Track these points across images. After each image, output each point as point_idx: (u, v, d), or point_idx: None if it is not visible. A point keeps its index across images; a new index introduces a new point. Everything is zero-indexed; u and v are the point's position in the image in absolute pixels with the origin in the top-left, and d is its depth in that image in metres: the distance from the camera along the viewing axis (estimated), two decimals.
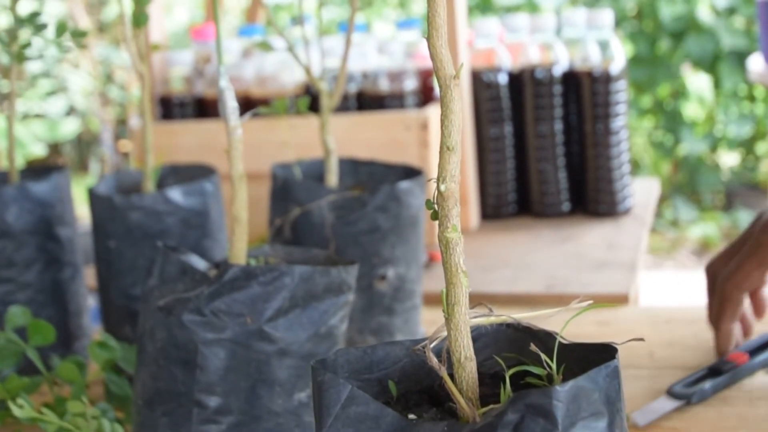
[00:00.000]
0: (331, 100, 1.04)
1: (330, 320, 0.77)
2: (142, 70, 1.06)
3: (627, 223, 1.65)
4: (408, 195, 1.03)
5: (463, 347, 0.53)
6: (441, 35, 0.52)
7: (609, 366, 0.52)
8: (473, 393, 0.53)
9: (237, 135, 0.77)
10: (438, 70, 0.52)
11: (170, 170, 1.19)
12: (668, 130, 4.77)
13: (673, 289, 3.80)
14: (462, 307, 0.53)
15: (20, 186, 1.10)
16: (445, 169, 0.52)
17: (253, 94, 1.64)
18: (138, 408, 0.79)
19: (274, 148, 1.53)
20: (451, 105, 0.52)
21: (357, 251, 1.02)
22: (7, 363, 0.92)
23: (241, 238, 0.78)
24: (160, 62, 1.73)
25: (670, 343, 1.12)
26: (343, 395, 0.52)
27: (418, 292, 1.09)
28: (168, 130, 1.65)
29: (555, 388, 0.49)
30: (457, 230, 0.52)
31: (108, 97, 5.38)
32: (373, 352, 0.58)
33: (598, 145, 1.67)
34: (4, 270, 1.10)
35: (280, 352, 0.75)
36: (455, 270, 0.52)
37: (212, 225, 1.10)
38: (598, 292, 1.30)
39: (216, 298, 0.74)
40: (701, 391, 0.95)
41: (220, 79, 0.77)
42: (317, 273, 0.76)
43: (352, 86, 1.63)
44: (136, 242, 1.07)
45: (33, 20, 1.06)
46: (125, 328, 1.08)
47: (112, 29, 5.43)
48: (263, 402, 0.75)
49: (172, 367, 0.75)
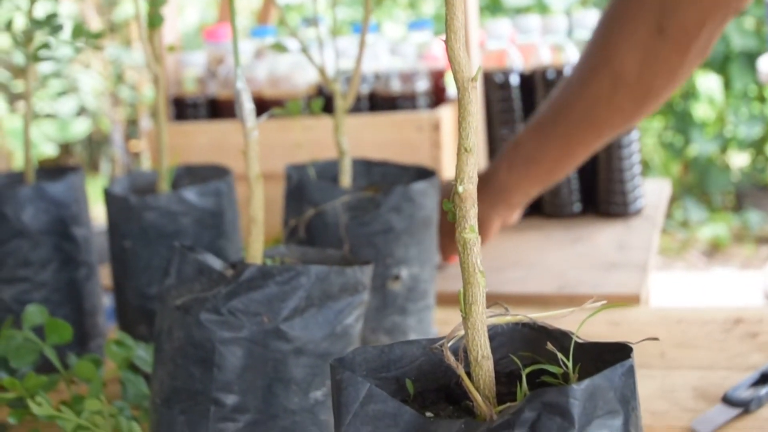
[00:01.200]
0: (345, 101, 1.05)
1: (345, 319, 0.78)
2: (157, 72, 1.07)
3: (638, 223, 1.65)
4: (421, 196, 1.04)
5: (481, 346, 0.54)
6: (459, 38, 0.52)
7: (624, 365, 0.52)
8: (490, 391, 0.54)
9: (254, 136, 0.77)
10: (456, 72, 0.53)
11: (185, 171, 1.20)
12: (678, 131, 4.76)
13: (684, 290, 3.81)
14: (479, 307, 0.53)
15: (36, 186, 1.11)
16: (463, 171, 0.53)
17: (265, 95, 1.65)
18: (155, 406, 0.80)
19: (288, 149, 1.54)
20: (469, 107, 0.52)
21: (371, 251, 1.03)
22: (25, 361, 0.93)
23: (257, 239, 0.79)
24: (174, 63, 1.73)
25: (681, 343, 1.13)
26: (362, 393, 0.53)
27: (431, 292, 1.10)
28: (181, 130, 1.65)
29: (572, 387, 0.49)
30: (474, 231, 0.53)
31: (119, 97, 5.39)
32: (391, 350, 0.59)
33: (610, 146, 1.67)
34: (20, 269, 1.11)
35: (296, 351, 0.76)
36: (473, 270, 0.53)
37: (227, 225, 1.11)
38: (610, 293, 1.31)
39: (233, 298, 0.75)
40: (758, 398, 0.95)
41: (236, 81, 0.78)
42: (333, 273, 0.77)
43: (364, 87, 1.64)
44: (151, 242, 1.07)
45: (50, 22, 1.07)
46: (140, 327, 1.09)
47: (122, 30, 5.44)
48: (280, 400, 0.76)
49: (190, 365, 0.76)
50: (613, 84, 1.26)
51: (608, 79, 1.27)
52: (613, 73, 1.26)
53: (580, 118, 1.30)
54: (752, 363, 1.05)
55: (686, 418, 0.94)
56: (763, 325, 1.16)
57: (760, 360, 1.06)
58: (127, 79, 5.43)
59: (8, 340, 0.94)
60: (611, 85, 1.26)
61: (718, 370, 1.04)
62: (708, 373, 1.04)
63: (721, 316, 1.20)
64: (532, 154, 1.35)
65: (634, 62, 1.24)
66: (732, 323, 1.17)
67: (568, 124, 1.32)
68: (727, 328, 1.16)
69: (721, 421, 0.92)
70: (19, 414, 0.89)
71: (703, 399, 0.98)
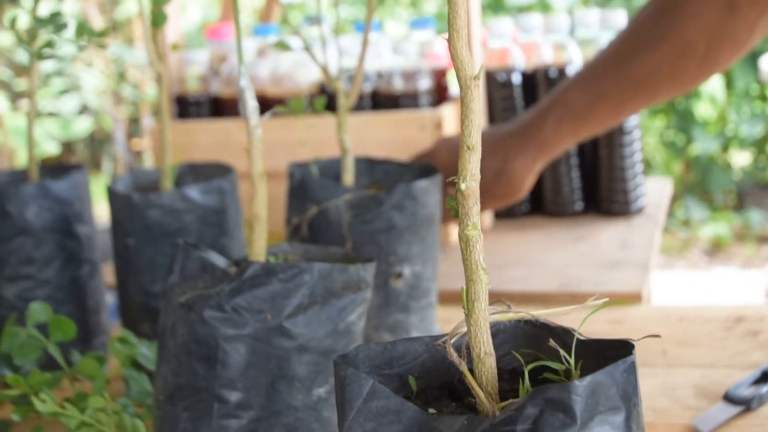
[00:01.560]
0: (348, 99, 1.05)
1: (348, 317, 0.78)
2: (160, 70, 1.07)
3: (639, 222, 1.66)
4: (424, 194, 1.04)
5: (483, 343, 0.54)
6: (462, 36, 0.53)
7: (626, 361, 0.53)
8: (493, 388, 0.54)
9: (257, 134, 0.78)
10: (459, 71, 0.53)
11: (188, 169, 1.20)
12: (680, 130, 4.77)
13: (685, 289, 3.81)
14: (482, 304, 0.54)
15: (40, 184, 1.12)
16: (466, 168, 0.53)
17: (268, 94, 1.65)
18: (159, 403, 0.80)
19: (291, 147, 1.54)
20: (472, 105, 0.53)
21: (373, 249, 1.03)
22: (29, 358, 0.93)
23: (260, 236, 0.79)
24: (176, 62, 1.74)
25: (683, 341, 1.13)
26: (365, 390, 0.53)
27: (433, 290, 1.10)
28: (184, 129, 1.66)
29: (574, 383, 0.50)
30: (477, 228, 0.53)
31: (121, 95, 5.40)
32: (394, 347, 0.59)
33: (611, 144, 1.68)
34: (23, 267, 1.12)
35: (299, 348, 0.76)
36: (475, 267, 0.53)
37: (229, 223, 1.11)
38: (611, 291, 1.31)
39: (237, 295, 0.75)
40: (759, 396, 0.95)
41: (240, 79, 0.78)
42: (336, 270, 0.77)
43: (367, 85, 1.64)
44: (155, 240, 1.08)
45: (54, 20, 1.07)
46: (143, 325, 1.09)
47: (125, 28, 5.45)
48: (283, 397, 0.76)
49: (194, 362, 0.76)
50: (678, 55, 1.27)
51: (674, 50, 1.27)
52: (679, 44, 1.27)
53: (638, 84, 1.31)
54: (753, 361, 1.06)
55: (688, 416, 0.94)
56: (764, 323, 1.16)
57: (761, 358, 1.06)
58: (130, 78, 5.44)
59: (12, 337, 0.94)
60: (676, 55, 1.27)
61: (720, 369, 1.05)
62: (709, 371, 1.04)
63: (722, 314, 1.20)
64: (582, 113, 1.35)
65: (702, 36, 1.25)
66: (733, 321, 1.17)
67: (624, 88, 1.32)
68: (728, 326, 1.16)
69: (722, 419, 0.92)
70: (23, 411, 0.89)
71: (705, 397, 0.98)
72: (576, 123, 1.35)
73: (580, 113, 1.34)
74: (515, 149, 1.35)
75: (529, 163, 1.36)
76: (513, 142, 1.35)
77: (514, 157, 1.35)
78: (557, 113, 1.35)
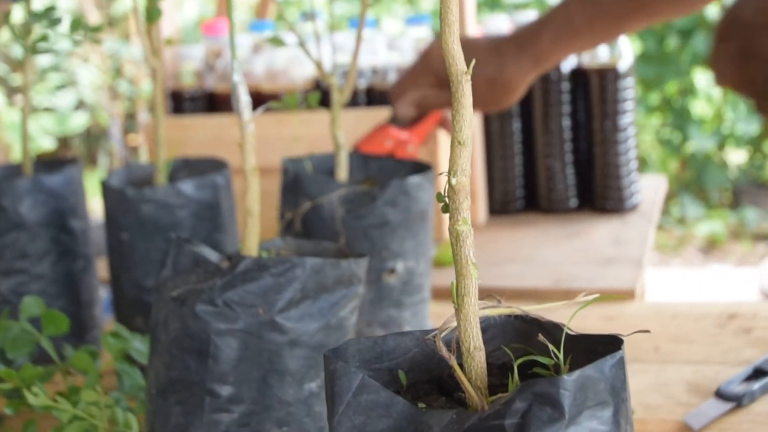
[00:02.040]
0: (342, 95, 1.05)
1: (340, 312, 0.79)
2: (155, 65, 1.07)
3: (634, 219, 1.66)
4: (417, 189, 1.05)
5: (473, 337, 0.54)
6: (453, 32, 0.53)
7: (615, 356, 0.53)
8: (482, 382, 0.55)
9: (250, 129, 0.78)
10: (450, 66, 0.53)
11: (182, 164, 1.20)
12: (676, 128, 4.77)
13: (680, 287, 3.81)
14: (472, 298, 0.54)
15: (34, 178, 1.12)
16: (456, 163, 0.53)
17: (263, 89, 1.65)
18: (151, 397, 0.80)
19: (285, 142, 1.54)
20: (463, 100, 0.53)
21: (367, 245, 1.03)
22: (22, 352, 0.93)
23: (253, 231, 0.80)
24: (171, 57, 1.74)
25: (675, 338, 1.13)
26: (355, 383, 0.54)
27: (426, 286, 1.11)
28: (179, 124, 1.66)
29: (562, 378, 0.50)
30: (467, 223, 0.53)
31: (117, 91, 5.39)
32: (384, 342, 0.59)
33: (606, 141, 1.68)
34: (17, 261, 1.12)
35: (291, 343, 0.76)
36: (465, 262, 0.54)
37: (223, 218, 1.11)
38: (605, 288, 1.32)
39: (229, 289, 0.75)
40: (751, 393, 0.95)
41: (233, 74, 0.78)
42: (328, 265, 0.78)
43: (362, 82, 1.64)
44: (148, 234, 1.08)
45: (48, 14, 1.07)
46: (137, 319, 1.10)
47: (121, 24, 5.44)
48: (274, 391, 0.77)
49: (186, 356, 0.76)
50: None
51: None
52: None
53: (640, 4, 1.30)
54: (745, 358, 1.06)
55: (679, 412, 0.94)
56: (756, 320, 1.16)
57: (753, 355, 1.06)
58: (126, 73, 5.43)
59: (5, 331, 0.94)
60: None
61: (712, 365, 1.05)
62: (702, 368, 1.04)
63: (715, 311, 1.20)
64: (579, 28, 1.33)
65: None
66: (726, 318, 1.18)
67: (625, 5, 1.31)
68: (721, 323, 1.17)
69: (713, 415, 0.93)
70: (15, 405, 0.89)
71: (697, 393, 0.98)
72: (573, 37, 1.34)
73: (578, 28, 1.33)
74: (511, 59, 1.33)
75: (523, 73, 1.35)
76: (509, 52, 1.34)
77: (508, 67, 1.33)
78: (555, 26, 1.34)
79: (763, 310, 1.19)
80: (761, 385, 0.96)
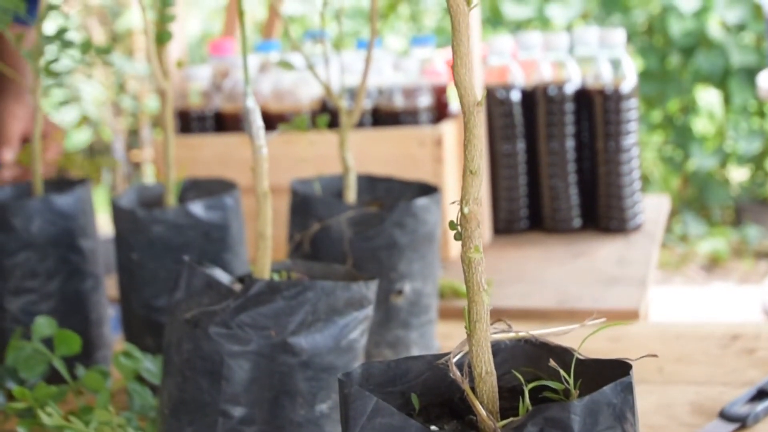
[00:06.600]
0: (351, 117, 1.06)
1: (351, 334, 0.80)
2: (164, 87, 1.08)
3: (637, 239, 1.67)
4: (424, 211, 1.06)
5: (485, 362, 0.55)
6: (465, 63, 0.54)
7: (623, 382, 0.54)
8: (494, 406, 0.56)
9: (263, 154, 0.79)
10: (462, 97, 0.54)
11: (191, 184, 1.21)
12: (678, 146, 4.78)
13: (682, 305, 3.82)
14: (483, 324, 0.55)
15: (44, 198, 1.13)
16: (468, 192, 0.54)
17: (270, 109, 1.67)
18: (163, 417, 0.81)
19: (293, 162, 1.56)
20: (475, 131, 0.54)
21: (374, 266, 1.04)
22: (34, 372, 0.95)
23: (265, 254, 0.81)
24: (179, 77, 1.75)
25: (679, 358, 1.14)
26: (369, 407, 0.55)
27: (433, 307, 1.12)
28: (186, 143, 1.67)
29: (573, 403, 0.51)
30: (479, 251, 0.55)
31: (120, 107, 5.41)
32: (397, 366, 0.60)
33: (609, 162, 1.69)
34: (27, 280, 1.13)
35: (302, 365, 0.77)
36: (477, 288, 0.55)
37: (232, 239, 1.12)
38: (609, 308, 1.32)
39: (241, 312, 0.76)
40: (755, 414, 0.96)
41: (246, 100, 0.79)
42: (339, 288, 0.79)
43: (368, 102, 1.65)
44: (158, 255, 1.09)
45: (60, 37, 1.09)
46: (146, 339, 1.10)
47: (125, 40, 5.46)
48: (286, 412, 0.78)
49: (198, 377, 0.77)
50: None
51: None
52: None
53: None
54: (749, 378, 1.07)
55: None
56: (760, 341, 1.17)
57: (756, 376, 1.07)
58: (129, 89, 5.45)
59: (18, 351, 0.95)
60: None
61: (716, 386, 1.06)
62: (705, 389, 1.05)
63: (718, 331, 1.21)
64: None
65: None
66: (729, 339, 1.19)
67: None
68: (724, 343, 1.18)
69: None
70: (29, 424, 0.90)
71: (701, 414, 0.99)
72: None
73: None
74: None
75: None
76: None
77: None
78: None
79: (767, 331, 1.20)
80: (765, 407, 0.97)
